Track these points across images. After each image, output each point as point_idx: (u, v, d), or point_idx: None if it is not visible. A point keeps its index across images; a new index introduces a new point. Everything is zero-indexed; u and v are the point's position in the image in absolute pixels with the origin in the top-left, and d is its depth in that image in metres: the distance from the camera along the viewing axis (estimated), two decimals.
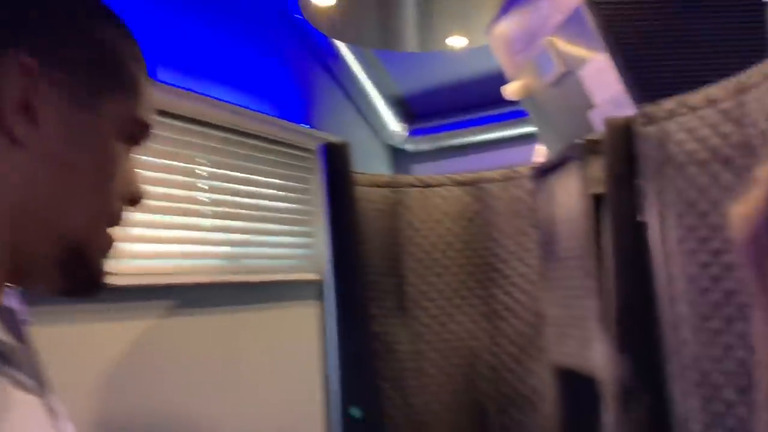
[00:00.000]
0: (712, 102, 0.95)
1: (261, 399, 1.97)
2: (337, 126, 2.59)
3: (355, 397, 1.20)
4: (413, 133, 2.77)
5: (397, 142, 2.80)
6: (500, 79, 1.69)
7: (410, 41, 1.99)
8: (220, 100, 1.96)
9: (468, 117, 2.66)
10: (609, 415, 1.16)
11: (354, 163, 1.42)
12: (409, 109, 2.78)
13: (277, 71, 2.34)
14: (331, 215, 1.21)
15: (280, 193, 2.21)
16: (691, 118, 0.98)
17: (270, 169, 2.16)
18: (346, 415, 0.80)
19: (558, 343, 1.50)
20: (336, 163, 1.24)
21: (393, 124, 2.75)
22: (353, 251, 1.24)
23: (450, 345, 1.64)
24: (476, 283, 1.68)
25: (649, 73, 1.18)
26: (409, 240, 1.69)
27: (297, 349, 2.13)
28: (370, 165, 2.80)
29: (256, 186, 2.10)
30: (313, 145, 1.97)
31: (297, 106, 2.42)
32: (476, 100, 2.58)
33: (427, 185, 1.74)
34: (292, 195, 2.26)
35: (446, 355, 1.63)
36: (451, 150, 2.75)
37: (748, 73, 0.90)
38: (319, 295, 1.25)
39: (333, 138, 1.30)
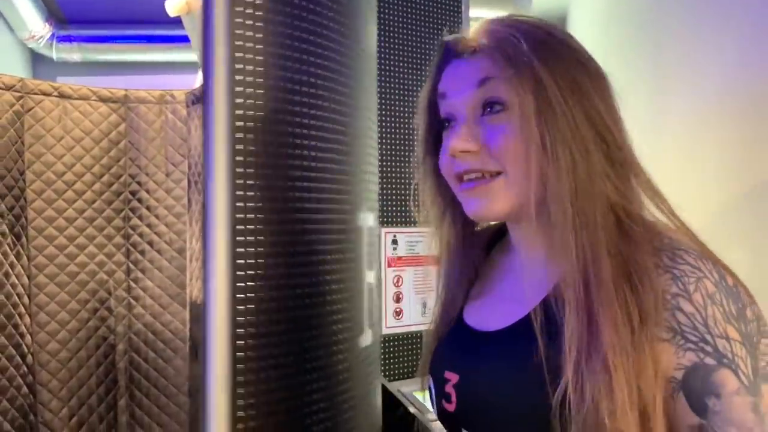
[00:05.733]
0: None
1: None
2: None
3: None
4: (61, 39, 2.38)
5: (40, 47, 2.38)
6: None
7: None
8: None
9: (130, 32, 2.38)
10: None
11: None
12: (58, 10, 2.38)
13: None
14: None
15: None
16: None
17: None
18: None
19: (199, 277, 1.46)
20: None
21: (35, 23, 2.31)
22: None
23: (78, 279, 1.47)
24: (115, 212, 1.53)
25: None
26: (37, 156, 1.45)
27: None
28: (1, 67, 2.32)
29: None
30: None
31: None
32: (142, 14, 2.33)
33: (66, 96, 1.51)
34: None
35: (72, 290, 1.46)
36: (106, 66, 2.44)
37: None
38: None
39: None
